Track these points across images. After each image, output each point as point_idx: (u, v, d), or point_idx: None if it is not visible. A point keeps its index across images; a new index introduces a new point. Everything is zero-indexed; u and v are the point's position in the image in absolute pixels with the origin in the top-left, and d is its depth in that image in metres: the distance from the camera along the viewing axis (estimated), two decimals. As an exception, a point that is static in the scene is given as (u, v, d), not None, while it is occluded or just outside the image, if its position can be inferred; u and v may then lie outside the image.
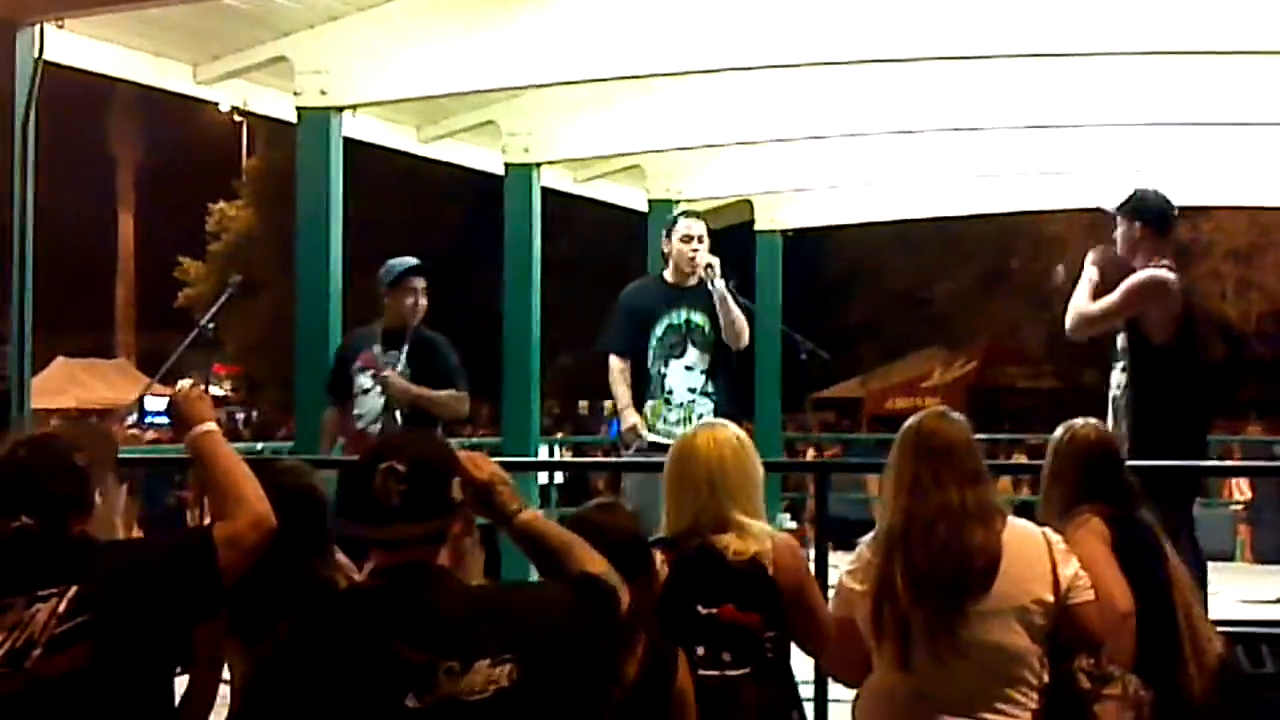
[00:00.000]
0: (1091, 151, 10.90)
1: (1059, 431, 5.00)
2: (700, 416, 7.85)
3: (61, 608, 3.55)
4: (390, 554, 3.41)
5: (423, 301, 8.04)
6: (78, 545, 3.71)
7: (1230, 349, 27.05)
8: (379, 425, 7.86)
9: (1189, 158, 11.03)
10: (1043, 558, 4.35)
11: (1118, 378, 7.01)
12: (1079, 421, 5.00)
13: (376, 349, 7.98)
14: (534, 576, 3.74)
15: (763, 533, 4.48)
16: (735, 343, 8.17)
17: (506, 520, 3.67)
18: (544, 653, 3.36)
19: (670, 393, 8.18)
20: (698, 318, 8.17)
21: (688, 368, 8.18)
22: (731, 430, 4.67)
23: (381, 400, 7.89)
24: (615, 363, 8.25)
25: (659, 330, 8.21)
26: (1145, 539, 4.80)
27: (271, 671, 3.44)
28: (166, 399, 4.42)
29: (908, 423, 4.52)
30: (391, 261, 8.16)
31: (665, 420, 8.14)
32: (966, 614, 4.21)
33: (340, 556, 4.19)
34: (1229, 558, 12.45)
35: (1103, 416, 5.30)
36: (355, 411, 7.95)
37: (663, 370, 8.19)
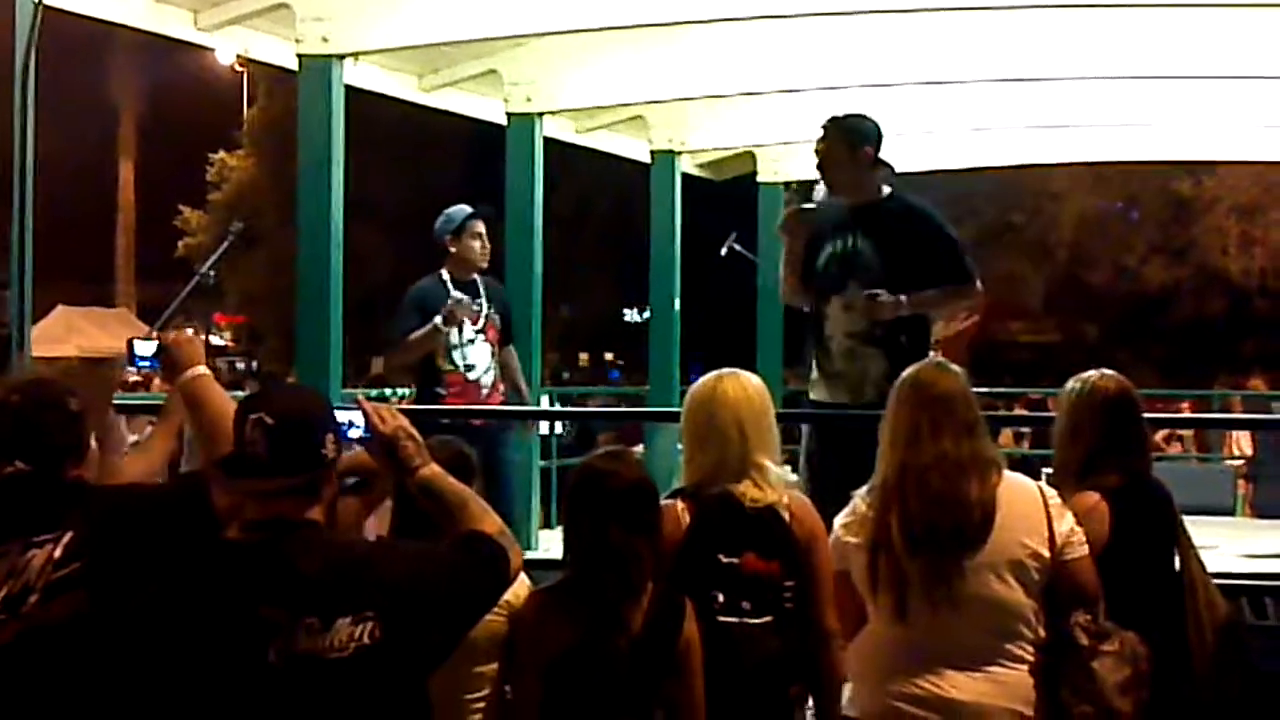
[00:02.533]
0: (1095, 105, 10.85)
1: (1072, 385, 4.86)
2: (866, 373, 6.56)
3: (57, 553, 3.53)
4: (260, 506, 3.41)
5: (488, 245, 8.34)
6: (73, 490, 3.69)
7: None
8: (490, 374, 8.21)
9: (1193, 112, 10.99)
10: (1038, 512, 4.34)
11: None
12: (1093, 374, 4.88)
13: (463, 298, 8.12)
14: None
15: (779, 481, 4.50)
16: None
17: (409, 474, 3.68)
18: (407, 611, 3.36)
19: (829, 339, 6.74)
20: (864, 244, 6.68)
21: (846, 307, 6.65)
22: (754, 377, 4.66)
23: (488, 348, 8.19)
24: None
25: (821, 261, 6.79)
26: (1157, 496, 4.78)
27: (139, 624, 3.42)
28: (155, 343, 4.41)
29: (905, 373, 4.51)
30: (449, 211, 8.39)
31: (824, 373, 6.79)
32: (962, 566, 4.20)
33: None
34: (1230, 513, 12.43)
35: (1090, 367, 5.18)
36: (466, 361, 8.14)
37: (823, 310, 6.75)
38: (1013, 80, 10.15)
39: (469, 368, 8.14)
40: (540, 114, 10.22)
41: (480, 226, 8.31)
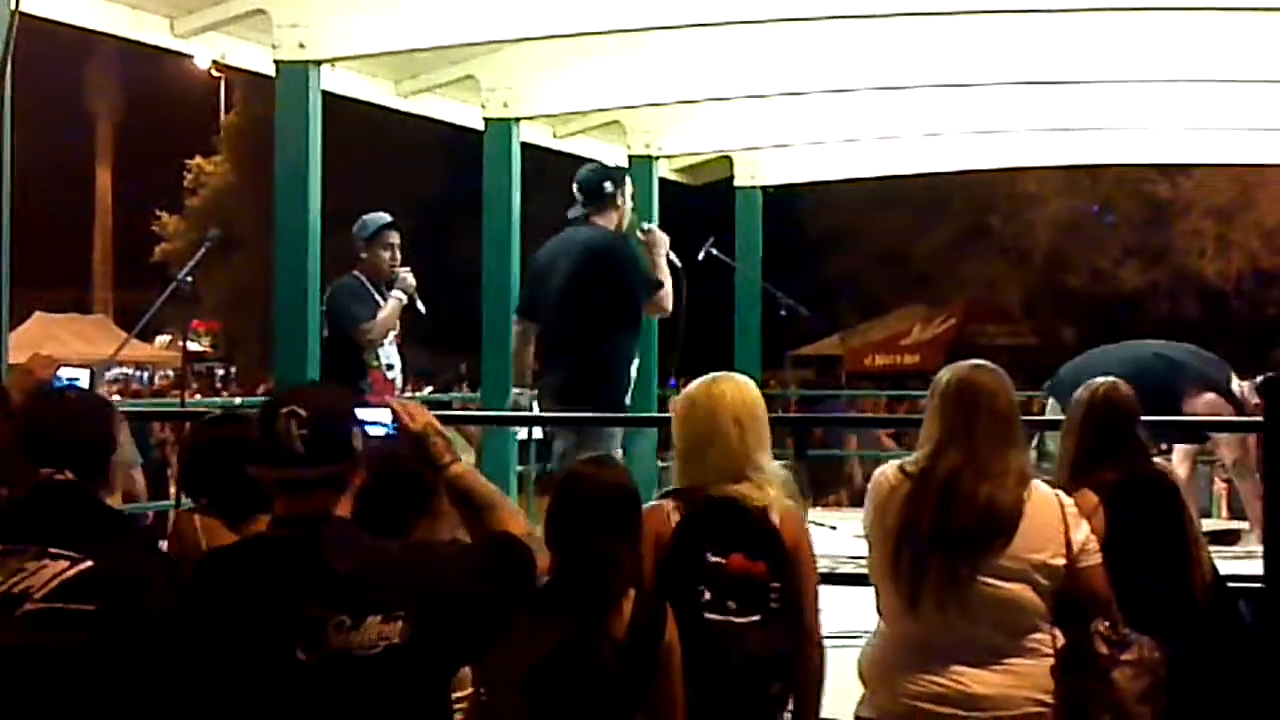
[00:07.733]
0: (1072, 108, 10.88)
1: (1079, 392, 5.08)
2: None
3: (70, 573, 3.50)
4: (290, 499, 3.43)
5: (399, 255, 8.63)
6: (101, 514, 3.69)
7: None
8: (399, 373, 8.63)
9: (1170, 115, 11.02)
10: (1057, 520, 4.39)
11: None
12: (1097, 380, 5.09)
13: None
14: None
15: (778, 479, 4.51)
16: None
17: (438, 471, 3.72)
18: (436, 611, 3.38)
19: None
20: None
21: None
22: (748, 380, 4.68)
23: (395, 348, 8.59)
24: None
25: None
26: (1157, 492, 4.84)
27: (173, 621, 3.44)
28: (86, 370, 4.42)
29: (949, 373, 4.51)
30: (366, 217, 8.70)
31: None
32: (976, 569, 4.24)
33: None
34: (1206, 515, 12.48)
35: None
36: (386, 360, 8.48)
37: None
38: (986, 84, 10.17)
39: (389, 366, 8.46)
40: (517, 119, 10.22)
41: (393, 237, 8.64)
